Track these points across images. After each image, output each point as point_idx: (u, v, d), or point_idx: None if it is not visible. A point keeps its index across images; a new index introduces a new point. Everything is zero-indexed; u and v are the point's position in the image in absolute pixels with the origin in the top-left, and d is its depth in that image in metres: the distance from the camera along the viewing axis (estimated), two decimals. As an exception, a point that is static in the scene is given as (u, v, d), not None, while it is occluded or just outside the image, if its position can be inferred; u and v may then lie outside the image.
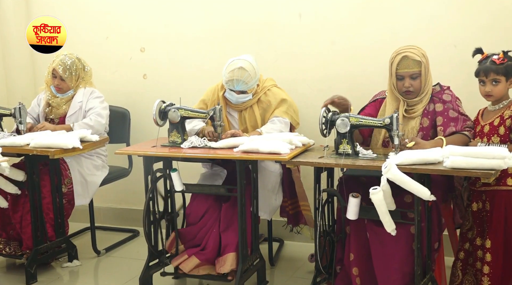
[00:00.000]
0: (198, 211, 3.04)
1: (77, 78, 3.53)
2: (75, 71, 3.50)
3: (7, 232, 3.34)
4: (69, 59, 3.49)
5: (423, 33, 3.26)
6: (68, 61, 3.48)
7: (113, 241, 3.78)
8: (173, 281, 3.16)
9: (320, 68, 3.51)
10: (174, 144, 3.02)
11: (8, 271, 3.39)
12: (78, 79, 3.54)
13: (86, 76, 3.58)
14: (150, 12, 3.89)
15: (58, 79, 3.49)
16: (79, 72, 3.53)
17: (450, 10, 3.24)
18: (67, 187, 3.41)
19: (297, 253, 3.53)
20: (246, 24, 3.64)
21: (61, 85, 3.51)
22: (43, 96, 3.61)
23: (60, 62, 3.47)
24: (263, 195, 3.13)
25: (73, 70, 3.48)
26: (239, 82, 3.05)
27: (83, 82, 3.57)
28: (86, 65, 3.60)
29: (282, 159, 2.70)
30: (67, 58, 3.49)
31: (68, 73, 3.47)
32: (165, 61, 3.88)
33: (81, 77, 3.55)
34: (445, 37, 3.24)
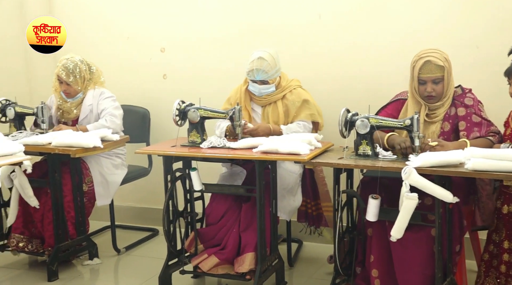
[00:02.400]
0: (217, 211, 3.05)
1: (83, 81, 3.51)
2: (79, 74, 3.48)
3: (30, 229, 3.38)
4: (71, 63, 3.46)
5: (444, 33, 3.23)
6: (70, 65, 3.46)
7: (133, 240, 3.81)
8: (192, 280, 3.18)
9: (340, 68, 3.50)
10: (194, 144, 3.03)
11: (30, 268, 3.44)
12: (85, 81, 3.53)
13: (93, 77, 3.57)
14: (170, 12, 3.91)
15: (64, 85, 3.49)
16: (84, 74, 3.51)
17: (472, 11, 3.20)
18: (87, 186, 3.45)
19: (316, 254, 3.52)
20: (266, 25, 3.64)
21: (68, 90, 3.50)
22: (54, 100, 3.62)
23: (63, 67, 3.45)
24: (282, 195, 3.13)
25: (76, 73, 3.47)
26: (259, 71, 3.09)
27: (92, 83, 3.56)
28: (92, 66, 3.58)
29: (302, 160, 2.69)
30: (69, 62, 3.46)
31: (72, 77, 3.46)
32: (185, 61, 3.90)
33: (88, 78, 3.53)
34: (467, 38, 3.20)
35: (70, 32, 4.18)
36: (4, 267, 3.43)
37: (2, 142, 2.96)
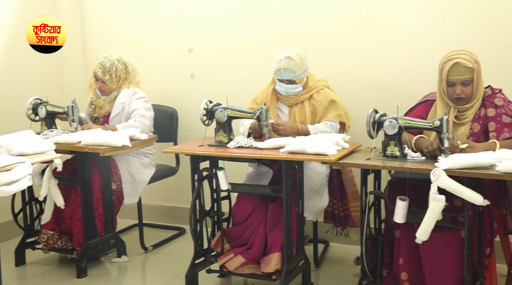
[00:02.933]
0: (244, 211, 3.06)
1: (118, 80, 3.56)
2: (115, 73, 3.53)
3: (59, 226, 3.43)
4: (108, 61, 3.52)
5: (474, 33, 3.18)
6: (107, 63, 3.52)
7: (160, 238, 3.84)
8: (218, 279, 3.19)
9: (367, 68, 3.47)
10: (221, 144, 3.04)
11: (60, 264, 3.50)
12: (120, 81, 3.58)
13: (129, 76, 3.62)
14: (198, 13, 3.93)
15: (100, 82, 3.54)
16: (120, 74, 3.56)
17: (503, 10, 3.14)
18: (116, 184, 3.49)
19: (342, 255, 3.50)
20: (294, 25, 3.63)
21: (103, 88, 3.56)
22: (89, 97, 3.68)
23: (100, 65, 3.51)
24: (309, 196, 3.12)
25: (112, 72, 3.52)
26: (286, 71, 3.09)
27: (126, 83, 3.60)
28: (129, 66, 3.63)
29: (329, 160, 2.68)
30: (106, 61, 3.52)
31: (108, 75, 3.52)
32: (213, 61, 3.92)
33: (123, 78, 3.58)
34: (497, 37, 3.14)
35: (99, 32, 4.28)
36: (35, 263, 3.50)
37: (34, 140, 3.02)
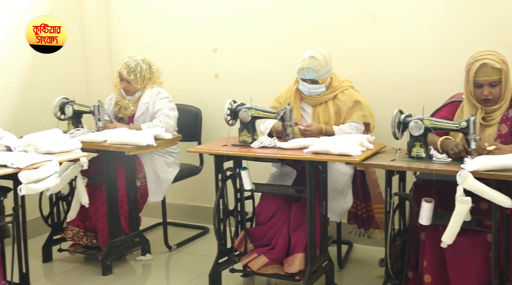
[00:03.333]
0: (267, 211, 3.06)
1: (143, 80, 3.60)
2: (140, 73, 3.57)
3: (84, 223, 3.48)
4: (133, 61, 3.56)
5: (501, 33, 3.12)
6: (132, 63, 3.55)
7: (184, 237, 3.87)
8: (242, 279, 3.20)
9: (392, 68, 3.44)
10: (245, 143, 3.05)
11: (86, 262, 3.55)
12: (145, 81, 3.61)
13: (153, 76, 3.65)
14: (223, 13, 3.95)
15: (125, 82, 3.58)
16: (145, 74, 3.59)
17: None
18: (140, 181, 3.53)
19: (366, 256, 3.48)
20: (318, 25, 3.62)
21: (128, 88, 3.60)
22: (113, 97, 3.73)
23: (125, 65, 3.55)
24: (333, 196, 3.11)
25: (137, 72, 3.55)
26: (309, 70, 3.09)
27: (150, 83, 3.64)
28: (153, 66, 3.66)
29: (353, 161, 2.67)
30: (131, 61, 3.55)
31: (133, 75, 3.55)
32: (237, 61, 3.93)
33: (147, 78, 3.61)
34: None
35: (125, 32, 4.32)
36: (61, 260, 3.56)
37: (61, 139, 3.07)
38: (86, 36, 4.33)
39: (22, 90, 3.92)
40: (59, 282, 3.35)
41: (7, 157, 2.67)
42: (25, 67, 3.94)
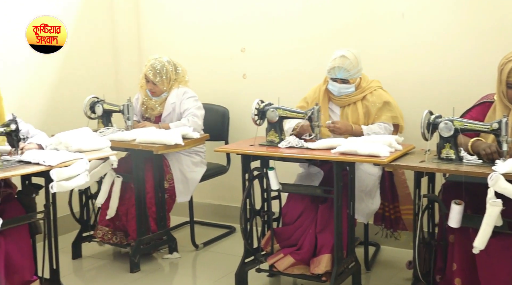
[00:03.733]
0: (294, 211, 3.05)
1: (169, 81, 3.63)
2: (166, 75, 3.60)
3: (114, 222, 3.53)
4: (159, 63, 3.59)
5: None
6: (158, 65, 3.58)
7: (211, 236, 3.89)
8: (268, 279, 3.20)
9: (422, 69, 3.40)
10: (272, 143, 3.05)
11: (114, 259, 3.60)
12: (170, 82, 3.64)
13: (178, 77, 3.68)
14: (251, 13, 3.95)
15: (151, 84, 3.61)
16: (170, 75, 3.62)
17: None
18: (168, 183, 3.56)
19: (394, 258, 3.44)
20: (347, 25, 3.60)
21: (154, 89, 3.63)
22: (139, 97, 3.77)
23: (151, 67, 3.58)
24: (360, 197, 3.09)
25: (163, 73, 3.58)
26: (340, 69, 3.07)
27: (176, 83, 3.66)
28: (178, 66, 3.69)
29: (381, 162, 2.64)
30: (157, 63, 3.59)
31: (159, 77, 3.58)
32: (265, 61, 3.93)
33: (173, 79, 3.64)
34: None
35: (155, 31, 4.36)
36: (90, 257, 3.61)
37: (91, 138, 3.11)
38: (117, 37, 4.39)
39: (53, 90, 4.00)
40: (88, 278, 3.40)
41: (39, 154, 2.72)
42: (57, 67, 4.01)
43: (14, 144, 2.71)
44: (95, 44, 4.27)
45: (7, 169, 2.58)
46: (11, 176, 2.59)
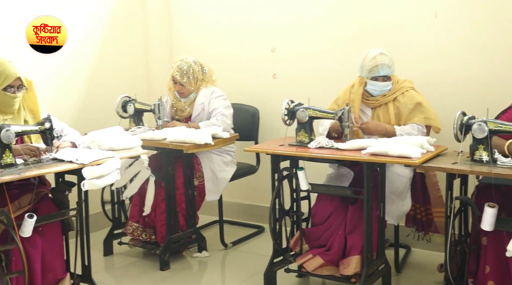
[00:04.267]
0: (323, 212, 3.04)
1: (196, 81, 3.65)
2: (193, 75, 3.62)
3: (144, 219, 3.57)
4: (185, 64, 3.61)
5: None
6: (184, 66, 3.61)
7: (240, 236, 3.90)
8: (296, 279, 3.19)
9: (455, 69, 3.35)
10: (302, 144, 3.04)
11: (144, 256, 3.64)
12: (198, 82, 3.66)
13: (205, 77, 3.70)
14: (282, 13, 3.95)
15: (178, 85, 3.64)
16: (197, 75, 3.64)
17: None
18: (198, 180, 3.58)
19: (425, 261, 3.40)
20: (378, 25, 3.56)
21: (182, 90, 3.66)
22: (168, 99, 3.80)
23: (177, 68, 3.61)
24: (391, 199, 3.05)
25: (190, 74, 3.61)
26: (383, 66, 3.06)
27: (204, 83, 3.69)
28: (205, 67, 3.71)
29: (412, 163, 2.61)
30: (183, 64, 3.61)
31: (186, 78, 3.61)
32: (295, 61, 3.92)
33: (200, 79, 3.67)
34: None
35: (186, 31, 4.40)
36: (121, 254, 3.66)
37: (123, 136, 3.15)
38: (148, 38, 4.44)
39: (87, 89, 4.07)
40: (118, 275, 3.45)
41: (73, 153, 2.77)
42: (90, 67, 4.09)
43: (48, 142, 2.76)
44: (128, 45, 4.33)
45: (42, 166, 2.64)
46: (45, 173, 2.64)
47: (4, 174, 2.48)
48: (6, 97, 2.77)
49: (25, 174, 2.51)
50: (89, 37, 4.06)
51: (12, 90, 2.78)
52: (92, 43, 4.09)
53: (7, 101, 2.78)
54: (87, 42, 4.05)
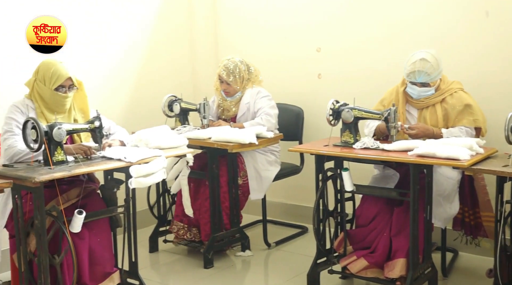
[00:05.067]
0: (368, 213, 3.01)
1: (242, 81, 3.67)
2: (239, 74, 3.65)
3: (189, 218, 3.61)
4: (232, 63, 3.64)
5: None
6: (231, 65, 3.64)
7: (283, 235, 3.90)
8: (340, 281, 3.17)
9: (507, 70, 3.24)
10: (346, 144, 3.02)
11: (188, 254, 3.68)
12: (244, 81, 3.69)
13: (251, 76, 3.72)
14: (327, 13, 3.92)
15: (225, 84, 3.68)
16: (243, 75, 3.66)
17: None
18: (242, 179, 3.60)
19: (473, 266, 3.32)
20: (425, 24, 3.49)
21: (228, 89, 3.69)
22: (215, 99, 3.84)
23: (224, 68, 3.65)
24: (438, 201, 2.99)
25: (236, 73, 3.64)
26: (421, 73, 2.98)
27: (250, 83, 3.71)
28: (251, 66, 3.73)
29: (461, 165, 2.55)
30: (230, 63, 3.65)
31: (232, 77, 3.63)
32: (340, 61, 3.89)
33: (246, 78, 3.69)
34: None
35: (231, 32, 4.43)
36: (166, 251, 3.72)
37: (169, 135, 3.21)
38: (194, 38, 4.49)
39: (134, 89, 4.15)
40: (163, 272, 3.50)
41: (121, 151, 2.84)
42: (137, 68, 4.17)
43: (97, 140, 2.83)
44: (173, 45, 4.40)
45: (91, 164, 2.71)
46: (94, 170, 2.72)
47: (56, 171, 2.56)
48: (57, 97, 2.86)
49: (75, 171, 2.59)
50: (137, 38, 4.14)
51: (63, 90, 2.87)
52: (140, 44, 4.17)
53: (58, 101, 2.87)
54: (136, 43, 4.13)
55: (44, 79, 2.84)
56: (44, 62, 2.88)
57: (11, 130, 2.78)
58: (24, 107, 2.86)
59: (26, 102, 2.88)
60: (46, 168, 2.59)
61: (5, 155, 2.75)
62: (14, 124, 2.78)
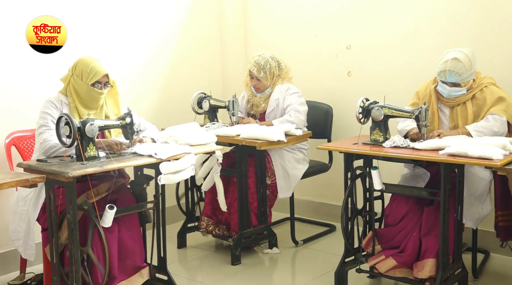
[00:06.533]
0: (398, 213, 2.98)
1: (272, 77, 3.68)
2: (269, 70, 3.65)
3: (217, 216, 3.64)
4: (262, 59, 3.65)
5: None
6: (261, 61, 3.64)
7: (311, 233, 3.89)
8: (368, 280, 3.15)
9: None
10: (376, 142, 2.99)
11: (216, 250, 3.71)
12: (274, 77, 3.69)
13: (282, 73, 3.72)
14: (357, 10, 3.90)
15: (255, 80, 3.68)
16: (274, 71, 3.67)
17: None
18: (270, 179, 3.60)
19: (505, 268, 3.26)
20: (459, 20, 3.43)
21: (258, 85, 3.69)
22: (245, 94, 3.85)
23: (255, 63, 3.65)
24: (469, 202, 2.94)
25: (267, 69, 3.64)
26: (451, 73, 2.92)
27: (280, 79, 3.71)
28: (281, 63, 3.73)
29: (494, 165, 2.50)
30: (261, 59, 3.65)
31: (262, 73, 3.64)
32: (370, 59, 3.86)
33: (276, 75, 3.69)
34: None
35: (261, 29, 4.43)
36: (194, 247, 3.75)
37: (199, 132, 3.23)
38: (224, 35, 4.51)
39: (164, 86, 4.19)
40: (191, 267, 3.54)
41: (152, 147, 2.87)
42: (167, 65, 4.21)
43: (128, 136, 2.87)
44: (203, 42, 4.42)
45: (122, 160, 2.75)
46: (124, 166, 2.75)
47: (88, 166, 2.60)
48: (93, 93, 2.91)
49: (106, 167, 2.63)
50: (167, 35, 4.18)
51: (99, 86, 2.92)
52: (170, 42, 4.20)
53: (93, 97, 2.93)
54: (166, 40, 4.17)
55: (82, 75, 2.90)
56: (82, 58, 2.94)
57: (47, 125, 2.84)
58: (58, 102, 2.92)
59: (60, 98, 2.94)
60: (79, 163, 2.64)
61: (41, 148, 2.82)
62: (50, 119, 2.85)
